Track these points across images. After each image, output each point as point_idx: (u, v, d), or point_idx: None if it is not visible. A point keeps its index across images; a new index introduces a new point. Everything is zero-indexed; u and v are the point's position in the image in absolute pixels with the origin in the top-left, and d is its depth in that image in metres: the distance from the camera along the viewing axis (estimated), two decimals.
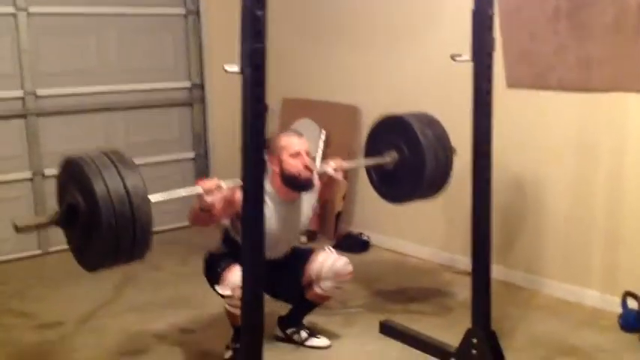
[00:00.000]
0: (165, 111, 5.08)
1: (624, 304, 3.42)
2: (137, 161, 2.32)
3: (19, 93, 4.45)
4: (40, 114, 4.53)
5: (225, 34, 5.26)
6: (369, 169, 3.41)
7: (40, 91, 4.51)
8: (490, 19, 2.69)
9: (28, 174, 4.56)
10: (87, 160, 2.25)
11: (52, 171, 4.58)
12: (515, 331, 3.40)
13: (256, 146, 2.16)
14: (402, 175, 3.24)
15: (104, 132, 4.82)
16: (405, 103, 4.37)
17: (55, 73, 4.57)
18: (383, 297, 3.92)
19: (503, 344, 3.00)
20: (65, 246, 4.52)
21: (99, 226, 2.19)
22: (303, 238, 4.84)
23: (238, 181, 2.55)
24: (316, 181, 3.13)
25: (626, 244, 3.54)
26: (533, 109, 3.83)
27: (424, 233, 4.57)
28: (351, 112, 4.83)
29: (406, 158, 3.20)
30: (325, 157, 4.93)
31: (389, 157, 3.24)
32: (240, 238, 2.87)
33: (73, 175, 2.29)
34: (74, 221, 2.27)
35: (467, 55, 2.77)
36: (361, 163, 3.30)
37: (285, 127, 5.23)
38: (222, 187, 2.70)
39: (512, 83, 3.83)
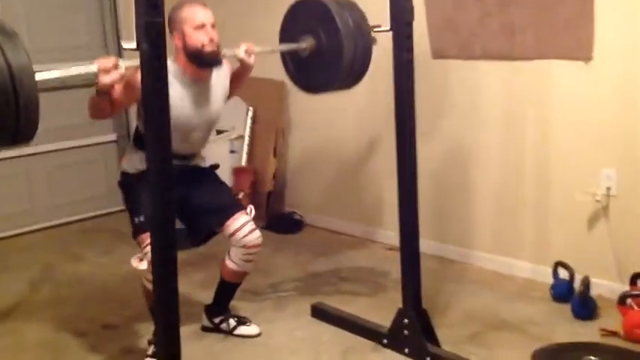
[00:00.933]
0: (81, 92, 4.79)
1: (555, 274, 3.40)
2: (53, 146, 2.07)
3: None
4: None
5: None
6: (284, 57, 3.12)
7: None
8: None
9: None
10: None
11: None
12: (449, 307, 3.34)
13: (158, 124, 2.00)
14: (319, 62, 2.94)
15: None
16: None
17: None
18: (315, 279, 3.81)
19: (436, 321, 2.95)
20: None
21: None
22: None
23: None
24: (226, 64, 2.96)
25: (556, 214, 3.51)
26: (460, 78, 3.75)
27: (356, 210, 4.48)
28: (277, 87, 4.67)
29: (323, 44, 2.90)
30: (254, 134, 4.78)
31: (305, 43, 2.94)
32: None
33: None
34: None
35: (387, 26, 2.66)
36: (275, 48, 3.06)
37: None
38: (121, 66, 2.42)
39: (438, 54, 3.74)
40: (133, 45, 1.98)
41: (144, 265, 2.77)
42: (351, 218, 4.50)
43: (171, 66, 2.67)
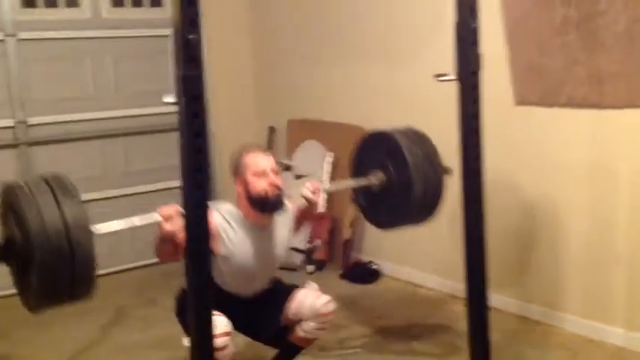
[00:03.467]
0: (164, 136, 4.88)
1: None
2: (135, 189, 2.04)
3: (9, 122, 4.32)
4: (32, 143, 4.38)
5: (226, 53, 5.09)
6: (355, 193, 3.09)
7: (32, 120, 4.37)
8: (474, 32, 2.40)
9: None
10: (23, 188, 2.01)
11: None
12: None
13: (196, 189, 1.92)
14: (389, 197, 2.91)
15: (101, 160, 4.65)
16: (415, 123, 4.12)
17: (47, 100, 4.42)
18: (386, 335, 3.62)
19: None
20: None
21: (32, 262, 1.94)
22: (311, 268, 4.59)
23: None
24: (290, 205, 2.88)
25: None
26: (545, 127, 3.50)
27: (436, 262, 4.25)
28: (356, 133, 4.54)
29: (393, 179, 2.87)
30: (333, 179, 4.68)
31: (374, 178, 2.92)
32: (215, 274, 2.68)
33: (10, 204, 2.05)
34: (12, 257, 2.04)
35: (453, 74, 2.49)
36: (342, 184, 2.98)
37: (291, 149, 5.00)
38: (183, 213, 2.43)
39: (521, 100, 3.51)
40: (172, 99, 1.92)
41: None
42: (430, 270, 4.28)
43: (234, 211, 2.73)
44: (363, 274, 4.47)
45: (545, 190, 3.56)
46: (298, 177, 4.76)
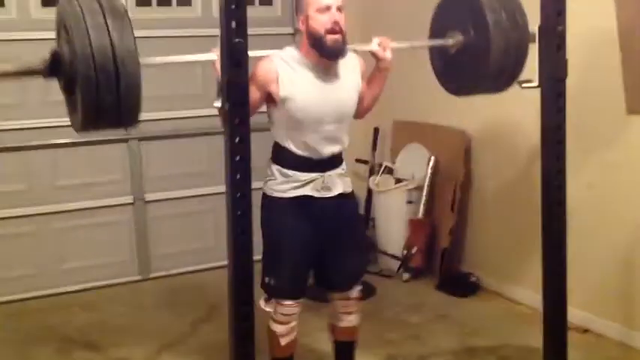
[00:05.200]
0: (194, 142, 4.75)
1: None
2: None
3: None
4: (142, 138, 4.55)
5: None
6: (432, 56, 2.82)
7: (142, 115, 4.51)
8: (560, 36, 2.19)
9: (129, 199, 4.59)
10: (74, 5, 1.97)
11: (152, 196, 4.66)
12: None
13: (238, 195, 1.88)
14: (466, 60, 2.61)
15: (207, 156, 4.73)
16: (520, 130, 3.89)
17: (156, 97, 4.53)
18: (472, 354, 3.42)
19: None
20: (165, 272, 4.69)
21: (77, 77, 1.93)
22: (407, 275, 4.45)
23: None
24: (355, 57, 2.68)
25: None
26: None
27: (539, 279, 3.97)
28: (460, 138, 4.36)
29: (471, 40, 2.57)
30: (433, 185, 4.50)
31: (451, 40, 2.63)
32: (285, 142, 2.59)
33: (61, 20, 2.05)
34: (58, 72, 2.03)
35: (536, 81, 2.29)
36: (416, 44, 2.73)
37: (395, 151, 4.87)
38: None
39: (634, 108, 3.19)
40: (219, 104, 1.89)
41: (271, 307, 2.71)
42: (533, 287, 3.98)
43: (292, 52, 2.56)
44: (461, 285, 4.26)
45: None
46: (398, 180, 4.62)
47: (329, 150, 2.64)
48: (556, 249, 2.31)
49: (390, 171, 4.71)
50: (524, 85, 2.34)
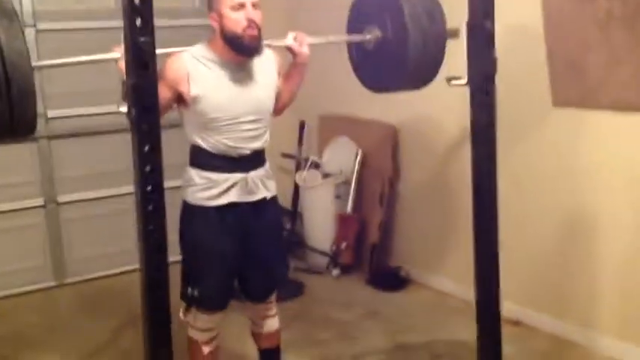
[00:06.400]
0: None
1: None
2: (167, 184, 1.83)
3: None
4: (52, 137, 4.28)
5: None
6: (350, 50, 2.72)
7: (52, 113, 4.26)
8: (489, 34, 2.10)
9: (40, 201, 4.32)
10: None
11: (65, 198, 4.40)
12: None
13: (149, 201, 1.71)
14: (384, 56, 2.52)
15: (126, 154, 4.49)
16: (446, 124, 3.83)
17: (66, 92, 4.28)
18: (404, 352, 3.36)
19: None
20: (81, 277, 4.44)
21: None
22: (336, 272, 4.35)
23: None
24: (271, 52, 2.55)
25: None
26: (583, 131, 3.15)
27: (471, 270, 3.94)
28: (388, 131, 4.28)
29: (389, 36, 2.48)
30: (361, 179, 4.41)
31: (369, 35, 2.54)
32: (201, 142, 2.45)
33: None
34: None
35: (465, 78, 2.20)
36: (333, 39, 2.66)
37: (322, 145, 4.75)
38: None
39: (559, 101, 3.17)
40: (125, 109, 1.71)
41: (189, 317, 2.58)
42: (463, 280, 3.97)
43: (203, 50, 2.41)
44: (391, 280, 4.20)
45: (581, 202, 3.22)
46: (326, 175, 4.51)
47: (249, 147, 2.49)
48: (487, 243, 2.25)
49: (317, 166, 4.60)
50: (452, 82, 2.25)
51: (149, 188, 1.71)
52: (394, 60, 2.46)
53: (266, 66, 2.51)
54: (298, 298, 4.05)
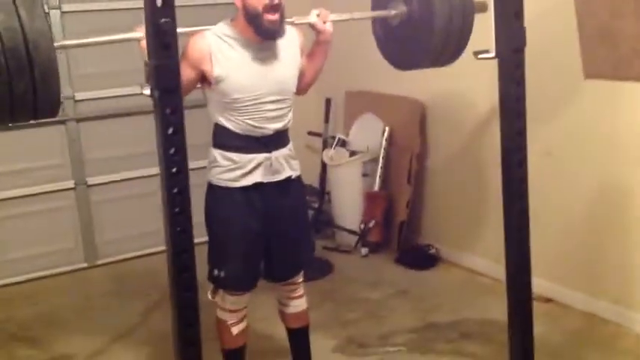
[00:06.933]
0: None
1: None
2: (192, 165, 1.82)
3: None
4: (80, 119, 4.30)
5: None
6: (374, 29, 2.67)
7: (79, 95, 4.27)
8: (517, 4, 2.04)
9: (70, 183, 4.35)
10: None
11: (95, 180, 4.43)
12: None
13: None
14: (409, 32, 2.46)
15: (150, 135, 4.50)
16: (475, 98, 3.76)
17: (94, 74, 4.29)
18: (433, 331, 3.34)
19: None
20: (112, 258, 4.48)
21: None
22: (365, 250, 4.33)
23: None
24: (295, 31, 2.52)
25: None
26: (616, 103, 3.07)
27: (499, 249, 3.89)
28: (416, 108, 4.23)
29: (414, 11, 2.41)
30: (389, 156, 4.37)
31: (394, 10, 2.47)
32: (225, 122, 2.44)
33: None
34: None
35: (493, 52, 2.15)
36: (358, 15, 2.58)
37: (348, 122, 4.72)
38: None
39: (591, 72, 3.09)
40: (148, 91, 1.70)
41: (219, 297, 2.58)
42: (493, 258, 3.92)
43: (226, 29, 2.38)
44: (420, 258, 4.17)
45: (615, 174, 3.15)
46: (353, 153, 4.48)
47: (272, 127, 2.46)
48: (517, 219, 2.21)
49: (343, 143, 4.57)
50: (480, 55, 2.19)
51: (174, 170, 1.69)
52: (420, 36, 2.39)
53: (289, 45, 2.47)
54: (327, 278, 4.04)
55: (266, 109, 2.41)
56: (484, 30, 2.19)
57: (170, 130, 1.66)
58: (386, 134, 4.36)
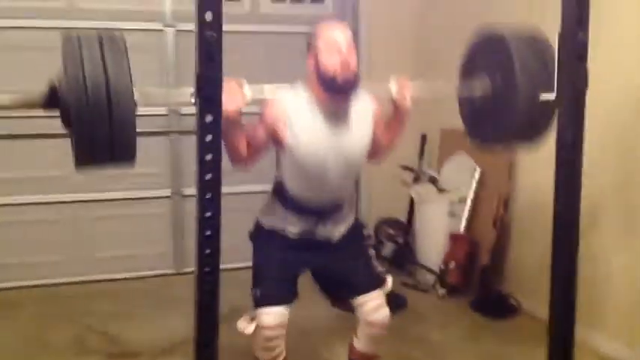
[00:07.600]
0: None
1: None
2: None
3: (163, 110, 4.47)
4: (183, 132, 4.53)
5: (387, 56, 4.85)
6: (460, 99, 2.63)
7: (184, 110, 4.51)
8: (582, 45, 1.97)
9: (167, 192, 4.58)
10: (74, 40, 1.91)
11: (191, 191, 4.62)
12: None
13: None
14: (491, 109, 2.43)
15: None
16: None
17: None
18: None
19: None
20: None
21: (71, 111, 1.86)
22: (442, 291, 4.24)
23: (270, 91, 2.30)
24: (370, 99, 2.54)
25: None
26: None
27: (583, 306, 3.69)
28: (507, 151, 4.12)
29: (497, 88, 2.38)
30: (477, 198, 4.28)
31: (479, 84, 2.44)
32: (288, 184, 2.54)
33: (63, 50, 1.96)
34: (55, 105, 1.96)
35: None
36: (438, 89, 2.61)
37: (442, 159, 4.67)
38: (246, 95, 2.19)
39: None
40: (192, 100, 1.79)
41: (250, 329, 2.57)
42: (579, 318, 3.71)
43: (303, 92, 2.46)
44: (497, 307, 4.02)
45: None
46: (441, 191, 4.42)
47: (331, 199, 2.57)
48: (568, 279, 2.10)
49: (433, 180, 4.52)
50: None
51: (209, 177, 1.77)
52: (501, 113, 2.38)
53: (363, 115, 2.52)
54: (398, 313, 3.98)
55: (330, 181, 2.50)
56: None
57: (209, 138, 1.74)
58: (477, 175, 4.28)
